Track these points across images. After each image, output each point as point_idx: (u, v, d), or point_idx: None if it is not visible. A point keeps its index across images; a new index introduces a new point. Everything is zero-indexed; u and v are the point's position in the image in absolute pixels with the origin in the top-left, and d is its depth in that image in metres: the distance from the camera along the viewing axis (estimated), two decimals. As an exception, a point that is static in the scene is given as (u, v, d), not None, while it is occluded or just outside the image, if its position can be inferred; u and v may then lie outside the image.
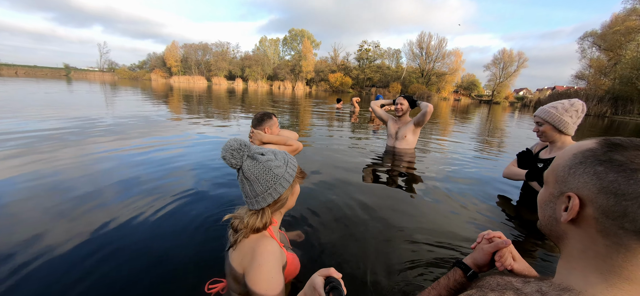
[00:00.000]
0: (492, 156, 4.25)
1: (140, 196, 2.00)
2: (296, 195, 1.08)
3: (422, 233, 1.71)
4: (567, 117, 1.92)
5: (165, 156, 3.00)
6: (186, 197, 2.02)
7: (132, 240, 1.50)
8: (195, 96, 13.78)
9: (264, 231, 1.00)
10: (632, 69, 24.66)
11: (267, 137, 2.72)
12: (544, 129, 2.01)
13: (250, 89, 36.44)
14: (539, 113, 2.03)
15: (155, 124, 4.95)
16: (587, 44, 36.22)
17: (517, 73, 48.80)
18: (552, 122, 1.95)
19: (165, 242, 1.51)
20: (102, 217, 1.69)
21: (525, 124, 11.03)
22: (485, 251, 0.84)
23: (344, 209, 1.97)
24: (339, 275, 0.76)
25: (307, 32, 62.93)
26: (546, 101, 32.21)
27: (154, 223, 1.67)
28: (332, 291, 0.70)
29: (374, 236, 1.65)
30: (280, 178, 0.97)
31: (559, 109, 1.93)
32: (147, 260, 1.37)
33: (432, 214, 2.01)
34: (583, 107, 1.92)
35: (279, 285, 0.90)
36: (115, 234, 1.55)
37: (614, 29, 31.29)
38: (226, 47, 63.53)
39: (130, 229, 1.60)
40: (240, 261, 0.95)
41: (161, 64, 63.93)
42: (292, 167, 1.02)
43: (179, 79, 57.01)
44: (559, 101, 2.01)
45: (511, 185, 2.69)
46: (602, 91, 28.84)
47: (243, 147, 0.96)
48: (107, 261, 1.33)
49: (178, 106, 8.70)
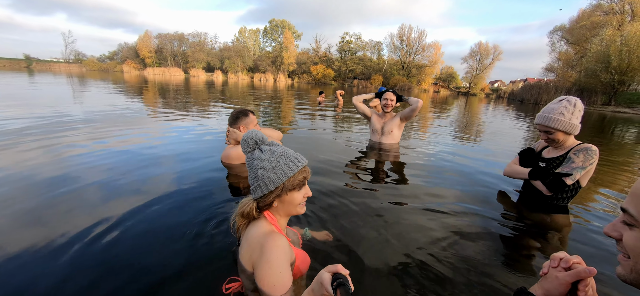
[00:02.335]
0: (476, 148, 4.36)
1: (119, 200, 1.84)
2: (294, 204, 1.05)
3: (420, 232, 1.70)
4: (575, 120, 1.90)
5: (144, 153, 2.81)
6: (169, 199, 1.89)
7: (112, 254, 1.35)
8: (172, 89, 13.18)
9: (272, 227, 1.03)
10: (596, 62, 26.30)
11: (242, 135, 2.62)
12: (555, 136, 1.95)
13: (230, 81, 35.41)
14: (547, 122, 1.93)
15: (130, 119, 4.65)
16: (556, 37, 38.26)
17: (492, 65, 50.70)
18: (564, 129, 1.90)
19: (151, 256, 1.38)
20: (76, 225, 1.53)
21: (500, 114, 11.50)
22: (561, 280, 0.69)
23: (340, 207, 1.92)
24: (346, 272, 0.76)
25: (288, 23, 61.82)
26: (520, 93, 33.77)
27: (136, 233, 1.52)
28: (339, 288, 0.70)
29: (372, 238, 1.62)
30: (260, 179, 1.00)
31: (565, 115, 1.89)
32: (129, 273, 1.24)
33: (426, 211, 2.00)
34: (581, 104, 1.92)
35: (288, 282, 0.91)
36: (90, 247, 1.39)
37: (581, 23, 33.18)
38: (204, 38, 61.22)
39: (110, 242, 1.43)
40: (250, 257, 0.97)
41: (134, 55, 60.57)
42: (281, 173, 0.99)
43: (153, 71, 54.31)
44: (555, 103, 1.95)
45: (497, 178, 2.76)
46: (569, 82, 30.65)
47: (250, 140, 1.03)
48: (80, 277, 1.20)
49: (154, 99, 8.26)
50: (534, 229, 1.85)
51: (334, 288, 0.71)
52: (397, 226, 1.74)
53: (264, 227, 1.02)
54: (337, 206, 1.95)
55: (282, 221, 1.10)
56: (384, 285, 1.26)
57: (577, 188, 1.98)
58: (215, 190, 2.07)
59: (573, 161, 1.90)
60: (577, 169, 1.88)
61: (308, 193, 1.08)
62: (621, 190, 2.77)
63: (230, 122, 2.61)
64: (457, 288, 1.26)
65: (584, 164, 1.87)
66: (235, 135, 2.59)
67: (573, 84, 29.34)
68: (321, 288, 0.75)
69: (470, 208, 2.07)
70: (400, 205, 2.05)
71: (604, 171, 3.42)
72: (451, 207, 2.07)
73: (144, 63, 59.36)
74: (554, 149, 2.07)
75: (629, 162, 4.23)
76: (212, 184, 2.19)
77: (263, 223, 1.04)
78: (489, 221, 1.89)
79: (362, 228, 1.69)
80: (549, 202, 2.06)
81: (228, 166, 2.58)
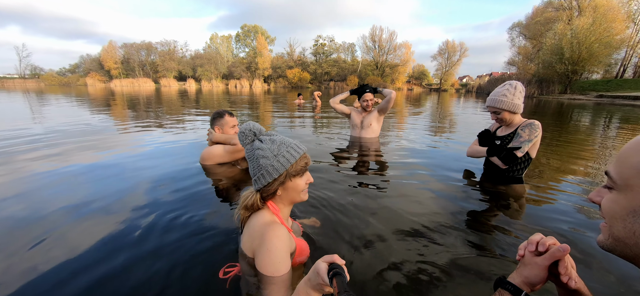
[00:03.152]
0: (447, 138, 4.55)
1: (92, 222, 1.72)
2: (298, 190, 1.08)
3: (400, 219, 1.75)
4: (517, 100, 2.16)
5: (116, 169, 2.65)
6: (147, 219, 1.80)
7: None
8: (142, 100, 12.58)
9: (273, 217, 1.05)
10: (551, 55, 28.51)
11: (216, 136, 2.61)
12: (502, 116, 2.22)
13: (204, 89, 34.42)
14: (494, 104, 2.20)
15: (99, 134, 4.37)
16: (515, 33, 41.01)
17: (459, 62, 53.33)
18: (508, 108, 2.16)
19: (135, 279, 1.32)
20: (43, 259, 1.41)
21: (470, 108, 12.10)
22: (539, 265, 0.67)
23: (331, 204, 1.93)
24: (342, 262, 0.77)
25: (260, 28, 61.31)
26: (486, 87, 35.76)
27: (118, 262, 1.43)
28: (335, 277, 0.71)
29: (359, 230, 1.64)
30: (263, 168, 1.02)
31: (508, 96, 2.15)
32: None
33: (412, 201, 2.06)
34: (522, 86, 2.19)
35: (286, 269, 0.95)
36: (60, 275, 1.30)
37: (535, 20, 35.84)
38: (173, 46, 59.17)
39: (83, 271, 1.31)
40: (250, 244, 1.01)
41: (98, 67, 57.30)
42: (284, 161, 1.02)
43: (121, 82, 51.57)
44: (500, 87, 2.22)
45: (470, 162, 2.90)
46: (529, 74, 32.93)
47: (247, 132, 1.06)
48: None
49: (123, 112, 7.85)
50: (496, 200, 2.05)
51: (330, 278, 0.72)
52: (377, 216, 1.78)
53: (265, 217, 1.05)
54: (322, 198, 1.96)
55: (285, 210, 1.14)
56: (371, 278, 1.28)
57: (529, 159, 2.24)
58: (192, 193, 2.01)
59: (521, 136, 2.15)
60: (525, 142, 2.12)
61: (310, 179, 1.12)
62: (579, 168, 3.01)
63: (210, 124, 2.65)
64: (436, 263, 1.31)
65: (530, 137, 2.12)
66: (211, 135, 2.60)
67: (533, 76, 31.57)
68: (317, 277, 0.76)
69: (443, 190, 2.19)
70: (381, 193, 2.10)
71: (560, 152, 3.71)
72: (426, 191, 2.18)
73: (110, 75, 56.35)
74: (505, 127, 2.32)
75: (586, 141, 4.61)
76: (191, 187, 2.12)
77: (265, 213, 1.07)
78: (459, 199, 2.05)
79: (343, 220, 1.71)
80: (506, 174, 2.31)
81: (204, 168, 2.58)
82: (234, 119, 2.67)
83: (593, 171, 2.91)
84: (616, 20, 27.26)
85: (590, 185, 2.48)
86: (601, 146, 4.30)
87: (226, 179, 2.38)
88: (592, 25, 25.99)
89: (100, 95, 16.70)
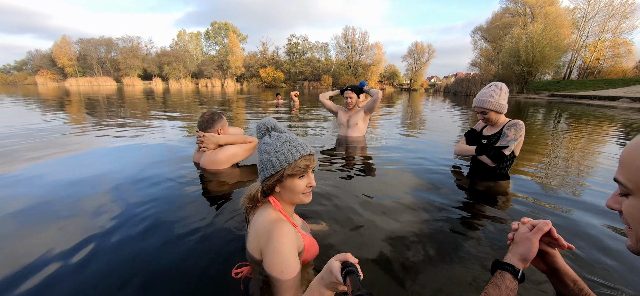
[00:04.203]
0: (429, 137, 4.71)
1: (49, 236, 1.54)
2: (296, 191, 1.04)
3: (388, 216, 1.76)
4: (503, 100, 2.27)
5: (74, 176, 2.40)
6: (112, 231, 1.65)
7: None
8: (102, 100, 11.67)
9: (279, 215, 1.04)
10: (509, 57, 30.90)
11: (224, 138, 2.48)
12: (489, 116, 2.32)
13: (172, 88, 32.77)
14: (481, 105, 2.29)
15: (51, 138, 3.95)
16: (477, 36, 43.70)
17: (428, 63, 55.80)
18: (494, 108, 2.26)
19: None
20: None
21: (438, 106, 12.71)
22: (531, 239, 0.78)
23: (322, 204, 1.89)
24: (355, 260, 0.77)
25: (231, 26, 59.73)
26: (453, 87, 37.72)
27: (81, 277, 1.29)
28: (348, 275, 0.71)
29: (341, 229, 1.63)
30: (263, 162, 1.03)
31: (494, 97, 2.25)
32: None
33: (401, 198, 2.09)
34: (506, 87, 2.31)
35: (295, 268, 0.92)
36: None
37: (495, 24, 38.57)
38: (137, 43, 55.60)
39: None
40: (257, 243, 0.97)
41: (49, 64, 52.30)
42: (283, 158, 1.00)
43: (77, 81, 47.56)
44: (486, 88, 2.32)
45: (456, 160, 3.02)
46: (490, 75, 35.38)
47: (262, 126, 1.07)
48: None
49: (80, 113, 7.21)
50: (486, 195, 2.17)
51: (343, 276, 0.72)
52: (364, 215, 1.78)
53: (271, 215, 1.02)
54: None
55: (288, 209, 1.10)
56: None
57: (513, 157, 2.37)
58: (199, 198, 1.88)
59: (507, 135, 2.26)
60: (511, 141, 2.24)
61: (312, 182, 1.07)
62: (539, 159, 3.26)
63: (204, 128, 2.48)
64: (426, 257, 1.34)
65: (515, 136, 2.24)
66: (216, 139, 2.47)
67: (494, 76, 33.97)
68: (330, 276, 0.75)
69: (431, 187, 2.25)
70: (366, 194, 2.11)
71: (526, 147, 4.00)
72: (415, 188, 2.22)
73: (64, 73, 51.66)
74: (491, 127, 2.44)
75: (544, 137, 5.02)
76: (194, 192, 1.99)
77: (270, 210, 1.04)
78: (449, 195, 2.12)
79: (328, 220, 1.69)
80: (494, 171, 2.42)
81: (215, 172, 2.45)
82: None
83: (558, 162, 3.17)
84: (563, 27, 30.22)
85: (565, 178, 2.68)
86: (555, 138, 4.70)
87: (227, 179, 2.32)
88: (544, 30, 28.52)
89: (53, 95, 15.25)
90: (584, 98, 20.28)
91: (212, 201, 1.93)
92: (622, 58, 33.24)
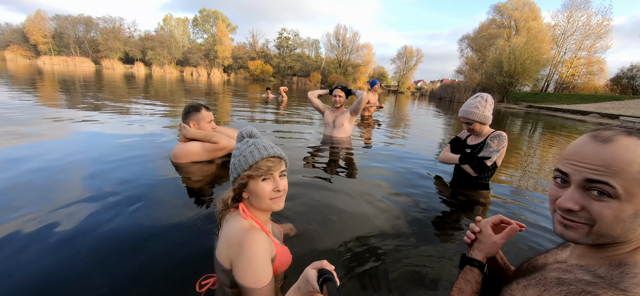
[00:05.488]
0: (414, 143, 4.79)
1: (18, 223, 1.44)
2: (261, 196, 0.98)
3: (369, 219, 1.77)
4: (487, 112, 2.31)
5: (45, 164, 2.26)
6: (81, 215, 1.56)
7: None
8: (78, 82, 11.08)
9: (252, 222, 1.00)
10: (493, 67, 32.04)
11: (191, 132, 2.36)
12: (473, 127, 2.35)
13: (155, 74, 31.64)
14: (466, 115, 2.32)
15: (18, 121, 3.70)
16: (464, 45, 44.91)
17: (416, 67, 56.70)
18: (479, 120, 2.29)
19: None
20: None
21: (423, 109, 12.99)
22: (498, 243, 0.88)
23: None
24: (331, 267, 0.76)
25: (221, 14, 58.13)
26: (438, 92, 38.58)
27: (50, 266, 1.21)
28: (325, 284, 0.70)
29: (323, 229, 1.62)
30: (231, 166, 1.02)
31: (480, 108, 2.28)
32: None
33: (382, 202, 2.10)
34: (492, 99, 2.34)
35: (267, 278, 0.89)
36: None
37: (481, 34, 39.78)
38: (119, 24, 53.03)
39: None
40: (228, 253, 0.92)
41: (21, 40, 48.88)
42: (243, 160, 0.97)
43: (51, 59, 44.77)
44: (472, 99, 2.35)
45: (440, 167, 3.08)
46: (474, 83, 36.48)
47: (239, 135, 1.06)
48: None
49: (53, 95, 6.80)
50: (465, 203, 2.23)
51: (320, 284, 0.71)
52: (346, 216, 1.79)
53: (243, 223, 0.97)
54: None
55: (262, 216, 1.05)
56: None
57: (495, 167, 2.43)
58: (163, 194, 1.81)
59: (490, 146, 2.31)
60: (494, 152, 2.29)
61: (279, 186, 0.99)
62: (516, 167, 3.40)
63: (182, 117, 2.38)
64: (409, 255, 1.36)
65: (498, 148, 2.29)
66: (185, 131, 2.34)
67: (477, 85, 35.07)
68: (307, 285, 0.74)
69: (413, 192, 2.30)
70: (349, 195, 2.12)
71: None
72: (398, 192, 2.26)
73: (37, 50, 48.58)
74: (475, 137, 2.48)
75: (519, 145, 5.23)
76: (158, 186, 1.90)
77: (241, 218, 0.98)
78: (430, 201, 2.16)
79: (313, 220, 1.69)
80: (475, 181, 2.47)
81: (176, 166, 2.32)
82: (211, 114, 2.44)
83: (532, 167, 3.31)
84: (544, 42, 31.64)
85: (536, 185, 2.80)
86: (530, 147, 4.92)
87: (201, 177, 2.20)
88: (526, 43, 29.77)
89: (24, 72, 14.34)
90: (558, 111, 21.34)
91: (182, 197, 1.88)
92: (595, 76, 35.32)
